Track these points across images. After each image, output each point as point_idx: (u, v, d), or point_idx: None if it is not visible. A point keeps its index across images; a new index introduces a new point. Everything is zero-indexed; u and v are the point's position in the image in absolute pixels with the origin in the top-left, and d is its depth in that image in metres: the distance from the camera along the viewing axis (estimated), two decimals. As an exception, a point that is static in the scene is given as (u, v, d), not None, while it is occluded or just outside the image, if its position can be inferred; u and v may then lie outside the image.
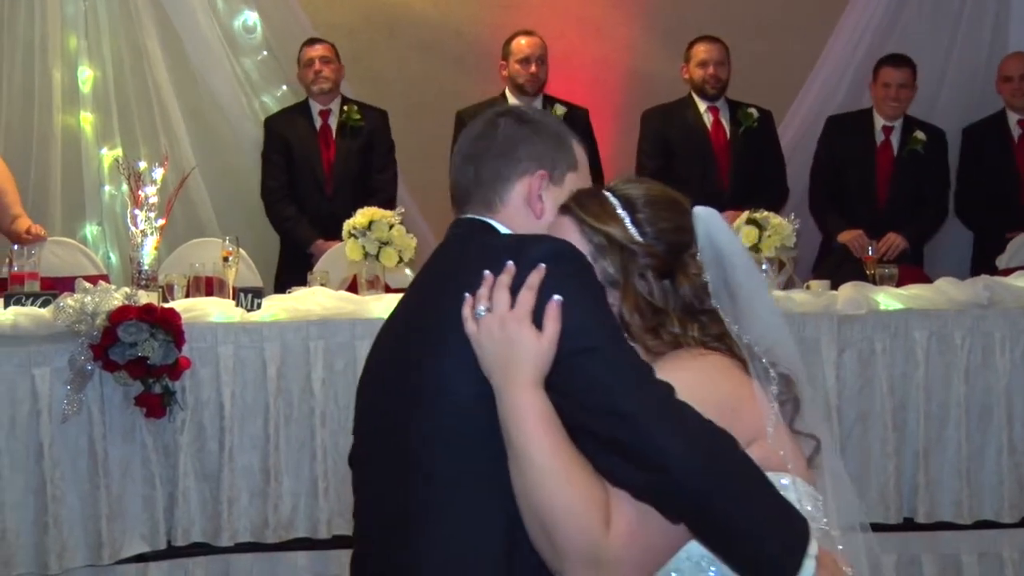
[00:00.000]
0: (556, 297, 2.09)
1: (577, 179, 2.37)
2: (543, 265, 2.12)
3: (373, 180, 7.00)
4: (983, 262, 6.84)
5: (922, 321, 5.10)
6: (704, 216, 2.25)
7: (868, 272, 5.72)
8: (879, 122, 6.98)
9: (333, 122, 7.07)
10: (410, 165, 7.22)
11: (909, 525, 5.06)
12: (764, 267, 5.37)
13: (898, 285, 5.39)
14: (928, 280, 5.58)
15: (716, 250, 2.20)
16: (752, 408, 2.11)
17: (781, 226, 5.63)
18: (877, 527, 4.96)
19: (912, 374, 5.07)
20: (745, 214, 5.74)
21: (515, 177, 2.36)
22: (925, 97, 7.66)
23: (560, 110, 6.85)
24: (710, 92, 6.89)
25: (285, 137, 7.06)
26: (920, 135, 6.93)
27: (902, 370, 5.08)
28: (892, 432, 5.02)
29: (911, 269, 6.16)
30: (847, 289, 5.19)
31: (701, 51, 6.90)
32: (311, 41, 7.09)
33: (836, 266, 6.28)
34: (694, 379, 2.09)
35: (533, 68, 6.86)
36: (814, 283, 5.41)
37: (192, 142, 7.38)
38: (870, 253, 6.07)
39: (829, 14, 7.88)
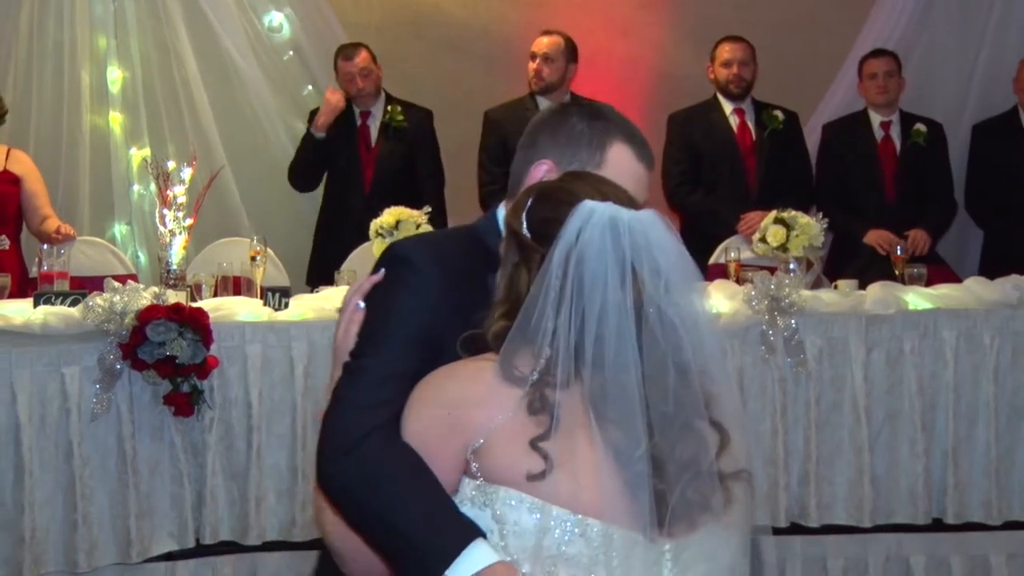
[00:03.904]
0: (359, 304, 2.32)
1: None
2: (382, 270, 2.34)
3: (421, 184, 6.94)
4: (994, 260, 6.82)
5: (951, 321, 5.08)
6: (585, 214, 2.03)
7: (897, 272, 5.70)
8: (876, 119, 6.98)
9: (372, 123, 7.05)
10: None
11: (938, 526, 5.04)
12: (792, 267, 5.36)
13: (927, 285, 5.36)
14: (957, 280, 5.55)
15: (569, 246, 2.00)
16: (477, 416, 2.00)
17: (809, 225, 5.62)
18: (906, 527, 4.98)
19: (941, 374, 5.05)
20: (772, 213, 5.73)
21: (530, 165, 2.42)
22: (954, 97, 7.63)
23: (587, 109, 6.81)
24: (734, 92, 6.86)
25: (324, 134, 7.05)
26: (921, 127, 6.93)
27: (931, 370, 5.06)
28: (921, 432, 5.00)
29: (940, 269, 6.12)
30: (876, 289, 5.17)
31: (725, 51, 6.88)
32: (347, 54, 7.00)
33: (864, 266, 6.26)
34: (438, 379, 2.09)
35: (536, 65, 6.80)
36: (842, 283, 5.39)
37: (220, 141, 7.39)
38: (899, 253, 6.04)
39: (857, 13, 7.84)
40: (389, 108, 7.02)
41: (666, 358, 1.98)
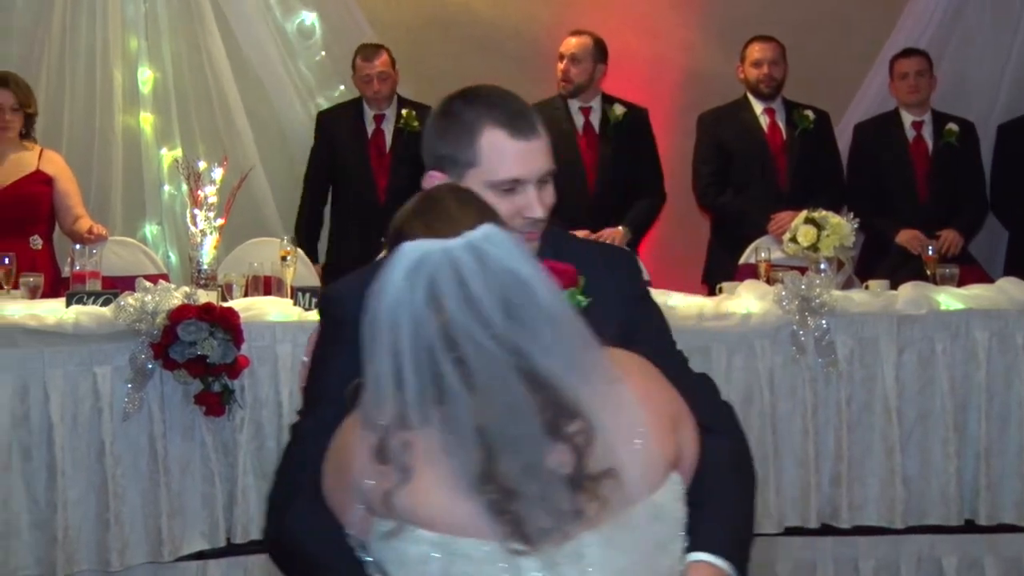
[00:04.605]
0: (303, 359, 2.48)
1: (478, 174, 2.37)
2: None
3: None
4: (1020, 260, 6.78)
5: (983, 321, 5.06)
6: (398, 257, 2.02)
7: (928, 272, 5.68)
8: (907, 119, 6.94)
9: (387, 127, 7.01)
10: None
11: (970, 527, 5.02)
12: (823, 267, 5.34)
13: (959, 285, 5.34)
14: (989, 280, 5.52)
15: (382, 293, 2.01)
16: (352, 468, 2.05)
17: (840, 225, 5.59)
18: (938, 528, 4.95)
19: (973, 375, 5.03)
20: (803, 213, 5.70)
21: (423, 176, 2.46)
22: (986, 96, 7.59)
23: (620, 110, 6.77)
24: (765, 92, 6.83)
25: (333, 138, 7.06)
26: (953, 127, 6.89)
27: (963, 371, 5.04)
28: (953, 433, 4.98)
29: (972, 269, 6.10)
30: (907, 289, 5.15)
31: (756, 51, 6.85)
32: (367, 55, 6.98)
33: (896, 266, 6.23)
34: (336, 435, 2.13)
35: (563, 66, 6.78)
36: (873, 283, 5.38)
37: (251, 142, 7.41)
38: (930, 253, 6.02)
39: (888, 12, 7.81)
40: (404, 113, 6.97)
41: (498, 379, 1.96)
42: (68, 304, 4.83)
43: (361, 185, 6.95)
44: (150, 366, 4.63)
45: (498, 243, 2.03)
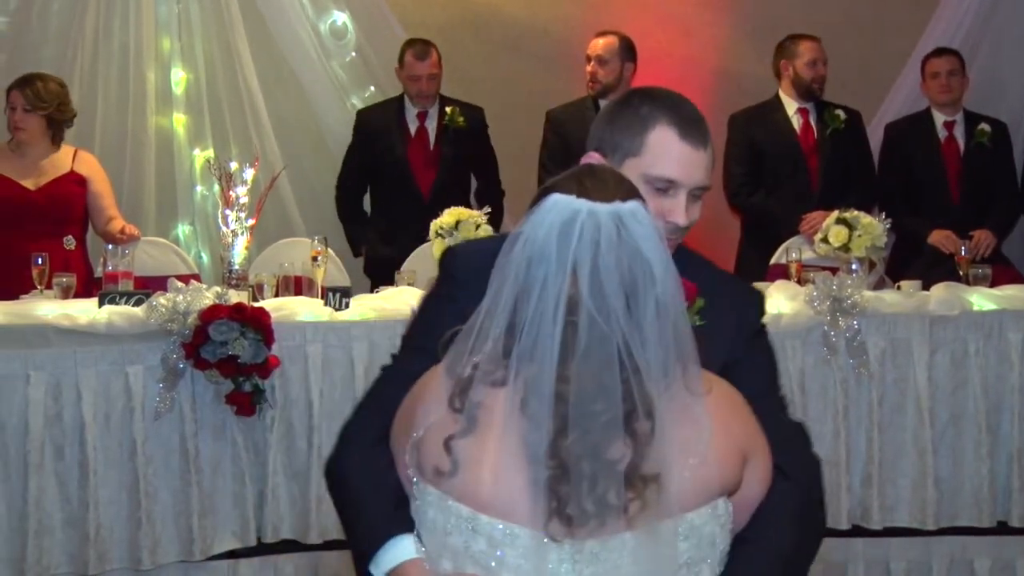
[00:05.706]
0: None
1: (637, 165, 2.40)
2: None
3: (487, 190, 6.95)
4: None
5: (1017, 322, 5.03)
6: (546, 208, 2.02)
7: (961, 272, 5.65)
8: (939, 119, 6.91)
9: (430, 124, 6.96)
10: (500, 165, 7.22)
11: (1003, 529, 5.00)
12: (854, 267, 5.32)
13: (992, 285, 5.31)
14: (1023, 281, 5.49)
15: (524, 241, 2.01)
16: (421, 410, 2.06)
17: (871, 226, 5.57)
18: (970, 530, 4.93)
19: (1006, 376, 5.01)
20: (835, 213, 5.68)
21: (586, 153, 2.50)
22: (1019, 95, 7.55)
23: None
24: (816, 92, 6.79)
25: (374, 137, 7.00)
26: (985, 127, 6.85)
27: (996, 372, 5.01)
28: (986, 435, 4.96)
29: (1005, 269, 6.06)
30: (940, 290, 5.13)
31: (810, 50, 6.73)
32: (419, 53, 6.86)
33: (928, 267, 6.20)
34: (420, 381, 2.14)
35: (591, 67, 6.77)
36: (905, 283, 5.35)
37: (282, 142, 7.43)
38: (963, 253, 5.98)
39: (921, 12, 7.77)
40: (448, 110, 6.92)
41: (599, 356, 1.96)
42: (100, 304, 4.86)
43: (403, 183, 6.89)
44: (181, 366, 4.65)
45: (641, 221, 2.03)
